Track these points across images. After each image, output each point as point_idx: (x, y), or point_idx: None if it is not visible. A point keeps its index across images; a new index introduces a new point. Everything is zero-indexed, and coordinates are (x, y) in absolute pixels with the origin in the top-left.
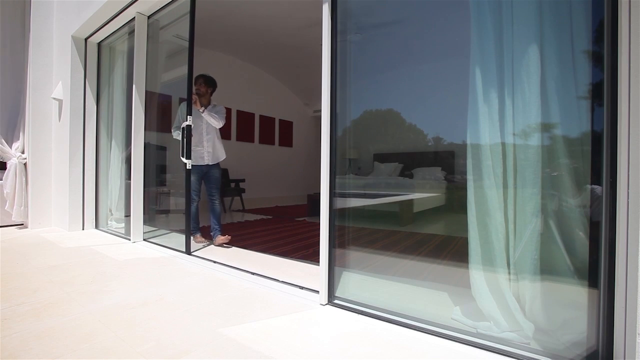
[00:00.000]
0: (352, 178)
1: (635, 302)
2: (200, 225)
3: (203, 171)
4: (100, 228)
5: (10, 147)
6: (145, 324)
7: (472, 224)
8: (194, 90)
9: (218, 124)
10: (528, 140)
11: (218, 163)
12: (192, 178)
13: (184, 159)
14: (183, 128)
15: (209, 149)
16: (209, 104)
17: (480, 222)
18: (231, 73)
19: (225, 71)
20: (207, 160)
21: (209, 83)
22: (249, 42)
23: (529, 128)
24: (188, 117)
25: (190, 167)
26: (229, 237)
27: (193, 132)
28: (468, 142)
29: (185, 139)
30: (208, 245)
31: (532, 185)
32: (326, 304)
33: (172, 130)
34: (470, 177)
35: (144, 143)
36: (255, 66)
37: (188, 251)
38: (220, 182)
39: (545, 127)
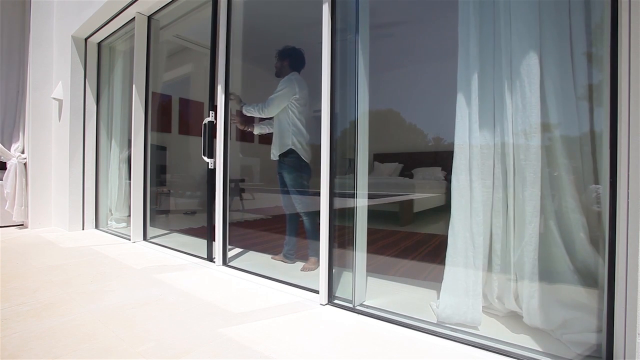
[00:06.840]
0: (352, 178)
1: (635, 302)
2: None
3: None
4: (100, 228)
5: (10, 147)
6: (145, 324)
7: (473, 224)
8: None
9: (258, 114)
10: (528, 140)
11: (282, 155)
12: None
13: (205, 158)
14: (205, 124)
15: (274, 139)
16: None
17: (477, 222)
18: (231, 73)
19: None
20: (272, 154)
21: (281, 55)
22: (248, 42)
23: (530, 128)
24: (210, 112)
25: (212, 167)
26: (316, 260)
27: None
28: (468, 142)
29: (207, 136)
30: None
31: (532, 185)
32: (326, 304)
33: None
34: (468, 178)
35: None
36: (255, 66)
37: (210, 257)
38: (294, 181)
39: (546, 127)
